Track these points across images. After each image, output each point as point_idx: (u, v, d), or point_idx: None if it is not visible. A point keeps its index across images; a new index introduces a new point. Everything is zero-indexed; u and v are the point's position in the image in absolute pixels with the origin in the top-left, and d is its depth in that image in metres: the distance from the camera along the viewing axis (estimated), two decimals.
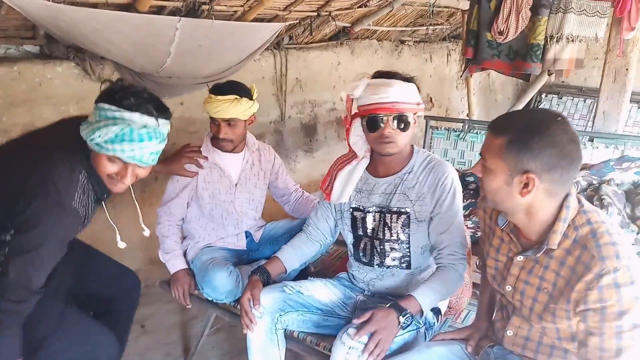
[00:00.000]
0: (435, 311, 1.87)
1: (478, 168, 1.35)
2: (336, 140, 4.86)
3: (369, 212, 1.86)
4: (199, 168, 2.26)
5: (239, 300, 2.13)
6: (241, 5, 3.00)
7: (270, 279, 1.90)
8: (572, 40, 3.15)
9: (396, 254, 1.85)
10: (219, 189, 2.32)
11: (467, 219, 2.70)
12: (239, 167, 2.36)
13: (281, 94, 4.20)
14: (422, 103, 1.78)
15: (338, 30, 4.35)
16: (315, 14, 3.65)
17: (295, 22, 3.68)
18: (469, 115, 4.74)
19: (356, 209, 1.89)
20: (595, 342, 1.24)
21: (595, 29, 3.18)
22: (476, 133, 3.38)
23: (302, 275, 2.27)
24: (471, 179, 2.94)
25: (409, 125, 1.73)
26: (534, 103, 6.50)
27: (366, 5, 3.94)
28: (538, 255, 1.33)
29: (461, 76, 4.07)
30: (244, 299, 1.78)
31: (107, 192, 1.70)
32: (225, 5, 2.93)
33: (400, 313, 1.62)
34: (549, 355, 1.40)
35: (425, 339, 1.78)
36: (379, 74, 1.76)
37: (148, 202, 3.33)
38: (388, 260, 1.86)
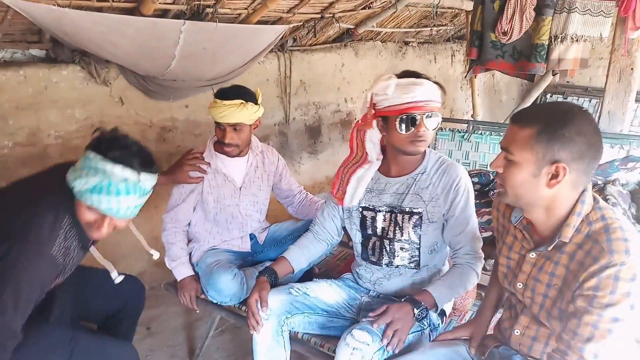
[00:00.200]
0: (440, 312, 1.86)
1: (499, 162, 1.32)
2: (340, 142, 4.86)
3: (379, 212, 1.86)
4: (203, 174, 2.26)
5: (244, 302, 2.15)
6: (245, 8, 3.01)
7: (277, 280, 1.91)
8: (577, 40, 3.13)
9: (405, 254, 1.85)
10: (224, 194, 2.32)
11: None
12: (243, 171, 2.36)
13: (285, 96, 4.21)
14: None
15: (342, 32, 4.34)
16: (319, 16, 3.66)
17: (299, 24, 3.69)
18: (474, 116, 4.74)
19: (366, 209, 1.89)
20: (573, 325, 1.24)
21: (599, 28, 3.17)
22: (481, 134, 3.37)
23: (307, 276, 2.28)
24: (475, 180, 2.93)
25: (438, 125, 1.75)
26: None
27: (370, 7, 3.94)
28: (550, 249, 1.32)
29: (465, 77, 4.06)
30: (251, 300, 1.78)
31: (87, 240, 1.66)
32: (229, 8, 2.94)
33: (415, 306, 1.68)
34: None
35: (430, 340, 1.79)
36: (406, 74, 1.75)
37: (153, 205, 3.34)
38: (397, 260, 1.87)
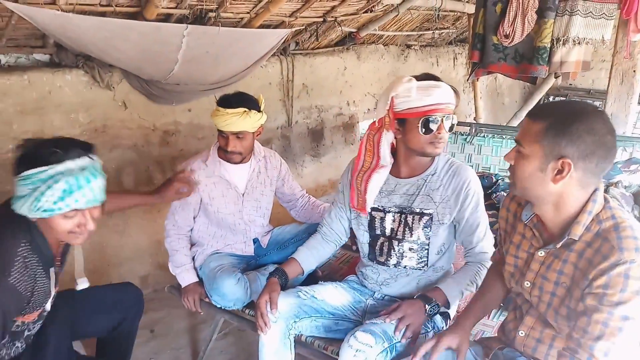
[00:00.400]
0: (445, 315, 1.87)
1: (511, 155, 1.35)
2: (343, 145, 4.86)
3: (389, 212, 1.87)
4: (191, 189, 2.22)
5: (248, 306, 2.16)
6: (247, 12, 3.03)
7: (287, 281, 1.92)
8: (579, 43, 3.13)
9: (414, 255, 1.86)
10: (225, 203, 2.32)
11: None
12: (246, 177, 2.36)
13: (288, 99, 4.22)
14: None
15: (344, 36, 4.36)
16: (321, 19, 3.67)
17: (302, 28, 3.70)
18: (476, 119, 4.73)
19: (375, 209, 1.89)
20: (583, 323, 1.25)
21: (601, 31, 3.16)
22: (483, 137, 3.36)
23: (310, 279, 2.28)
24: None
25: (454, 126, 1.76)
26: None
27: (372, 11, 3.96)
28: (559, 247, 1.33)
29: (468, 80, 4.06)
30: (261, 301, 1.78)
31: (53, 263, 1.65)
32: (232, 13, 2.95)
33: (426, 302, 1.72)
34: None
35: None
36: (424, 77, 1.76)
37: (157, 208, 3.35)
38: (405, 261, 1.87)
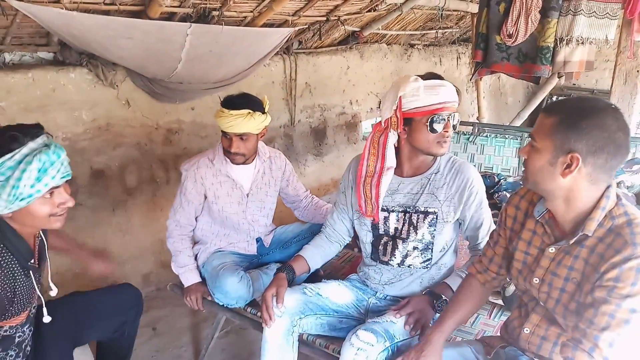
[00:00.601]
0: None
1: (526, 149, 1.38)
2: (346, 144, 4.86)
3: (392, 212, 1.87)
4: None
5: (251, 304, 2.17)
6: (251, 11, 3.03)
7: (295, 278, 1.93)
8: (582, 43, 3.12)
9: (418, 253, 1.86)
10: (230, 202, 2.33)
11: None
12: (251, 178, 2.37)
13: (291, 98, 4.22)
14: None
15: (347, 35, 4.35)
16: (325, 18, 3.67)
17: (305, 27, 3.70)
18: (479, 119, 4.73)
19: (379, 209, 1.89)
20: (590, 314, 1.26)
21: (605, 30, 3.15)
22: (486, 136, 3.36)
23: (312, 278, 2.28)
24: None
25: (458, 123, 1.79)
26: (544, 106, 6.44)
27: (375, 10, 3.95)
28: (571, 243, 1.34)
29: (471, 79, 4.06)
30: (268, 294, 1.79)
31: (31, 256, 1.63)
32: (235, 11, 2.96)
33: (434, 298, 1.76)
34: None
35: None
36: (429, 76, 1.77)
37: (159, 206, 3.36)
38: (409, 260, 1.88)
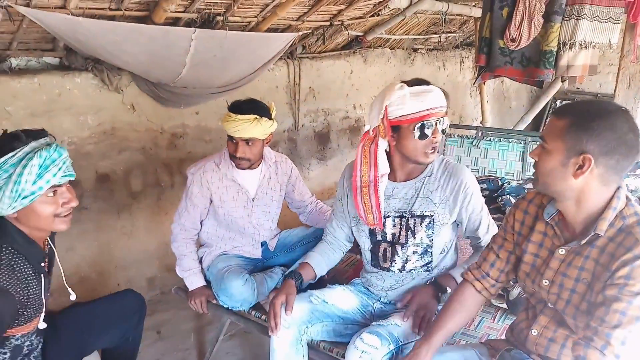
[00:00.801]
0: None
1: (536, 151, 1.39)
2: (349, 149, 4.87)
3: (388, 217, 1.86)
4: None
5: (255, 307, 2.17)
6: (255, 16, 3.05)
7: (303, 285, 1.93)
8: (585, 47, 3.12)
9: (418, 257, 1.86)
10: (235, 206, 2.34)
11: None
12: (256, 182, 2.37)
13: (295, 102, 4.23)
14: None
15: (351, 39, 4.37)
16: (328, 23, 3.69)
17: (309, 32, 3.72)
18: (483, 123, 4.73)
19: None
20: (601, 312, 1.26)
21: (608, 34, 3.15)
22: (490, 140, 3.36)
23: (316, 283, 2.27)
24: (484, 186, 2.93)
25: (447, 127, 1.78)
26: (548, 110, 6.44)
27: (378, 14, 3.97)
28: (583, 243, 1.34)
29: (474, 83, 4.07)
30: (277, 302, 1.78)
31: (42, 260, 1.63)
32: (240, 16, 2.98)
33: (440, 291, 1.78)
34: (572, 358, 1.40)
35: None
36: (415, 82, 1.76)
37: (164, 210, 3.37)
38: (409, 265, 1.87)
